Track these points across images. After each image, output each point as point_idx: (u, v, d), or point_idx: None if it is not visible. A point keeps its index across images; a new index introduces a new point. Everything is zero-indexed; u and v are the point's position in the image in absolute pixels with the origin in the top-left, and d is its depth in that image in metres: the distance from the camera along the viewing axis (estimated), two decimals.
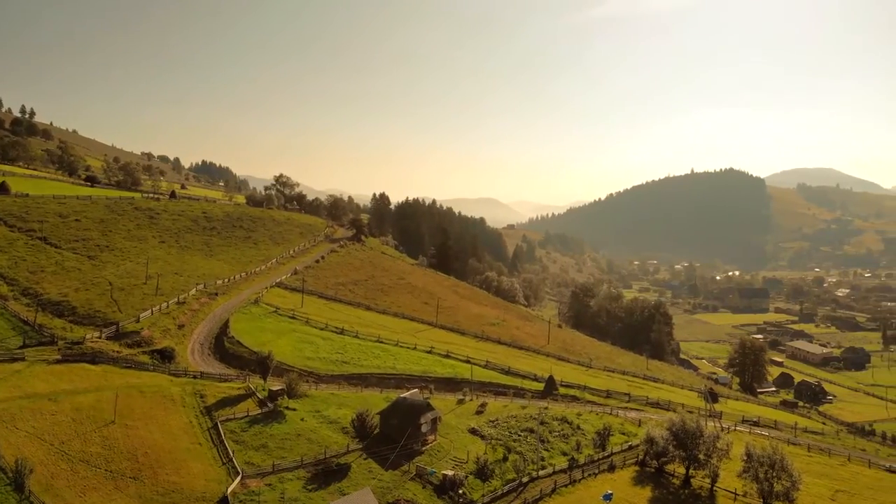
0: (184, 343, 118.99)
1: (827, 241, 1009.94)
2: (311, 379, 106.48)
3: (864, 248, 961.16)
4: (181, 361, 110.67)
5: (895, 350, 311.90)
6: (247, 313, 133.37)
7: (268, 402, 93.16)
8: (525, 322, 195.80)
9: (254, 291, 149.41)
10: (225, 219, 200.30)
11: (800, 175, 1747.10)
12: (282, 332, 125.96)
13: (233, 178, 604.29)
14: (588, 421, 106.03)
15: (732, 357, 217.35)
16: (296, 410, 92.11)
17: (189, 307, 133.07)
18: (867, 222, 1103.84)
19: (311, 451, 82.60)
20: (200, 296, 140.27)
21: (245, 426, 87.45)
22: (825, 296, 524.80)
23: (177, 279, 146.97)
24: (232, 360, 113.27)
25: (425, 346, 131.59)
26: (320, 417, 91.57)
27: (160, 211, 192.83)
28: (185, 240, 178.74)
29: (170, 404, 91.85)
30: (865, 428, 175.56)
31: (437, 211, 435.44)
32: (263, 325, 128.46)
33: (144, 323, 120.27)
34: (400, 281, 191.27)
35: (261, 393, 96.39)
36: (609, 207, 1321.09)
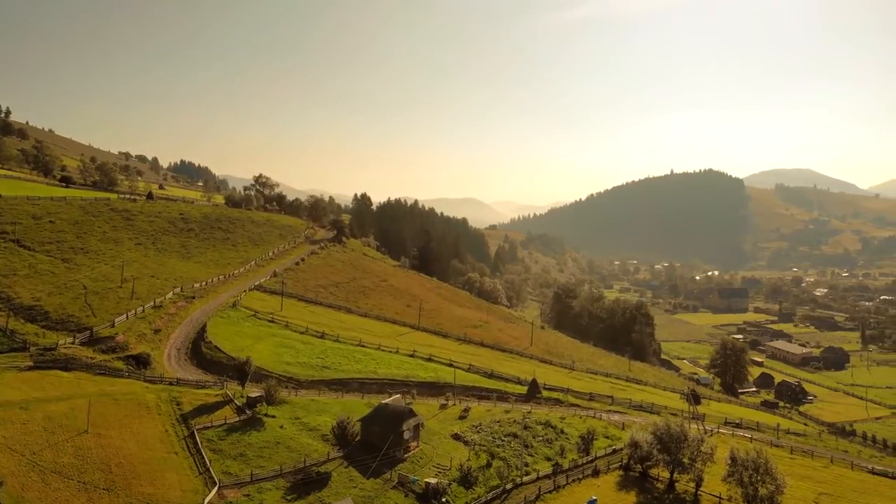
0: (160, 348, 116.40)
1: (805, 241, 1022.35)
2: (291, 385, 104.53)
3: (841, 247, 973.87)
4: (157, 367, 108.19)
5: (874, 350, 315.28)
6: (225, 317, 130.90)
7: (246, 410, 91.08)
8: (508, 324, 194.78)
9: (232, 295, 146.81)
10: (203, 220, 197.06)
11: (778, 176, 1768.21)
12: (261, 336, 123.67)
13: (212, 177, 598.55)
14: (572, 425, 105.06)
15: (714, 358, 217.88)
16: (275, 418, 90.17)
17: (165, 311, 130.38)
18: (844, 222, 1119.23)
19: (291, 459, 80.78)
20: (177, 299, 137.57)
21: (223, 434, 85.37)
22: (804, 296, 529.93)
23: (153, 282, 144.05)
24: (209, 365, 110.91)
25: (407, 350, 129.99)
26: (300, 425, 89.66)
27: (136, 212, 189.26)
28: (161, 242, 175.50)
29: (145, 412, 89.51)
30: (846, 428, 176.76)
31: (420, 211, 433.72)
32: (242, 329, 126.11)
33: (119, 328, 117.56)
34: (382, 283, 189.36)
35: (239, 400, 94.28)
36: (590, 208, 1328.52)
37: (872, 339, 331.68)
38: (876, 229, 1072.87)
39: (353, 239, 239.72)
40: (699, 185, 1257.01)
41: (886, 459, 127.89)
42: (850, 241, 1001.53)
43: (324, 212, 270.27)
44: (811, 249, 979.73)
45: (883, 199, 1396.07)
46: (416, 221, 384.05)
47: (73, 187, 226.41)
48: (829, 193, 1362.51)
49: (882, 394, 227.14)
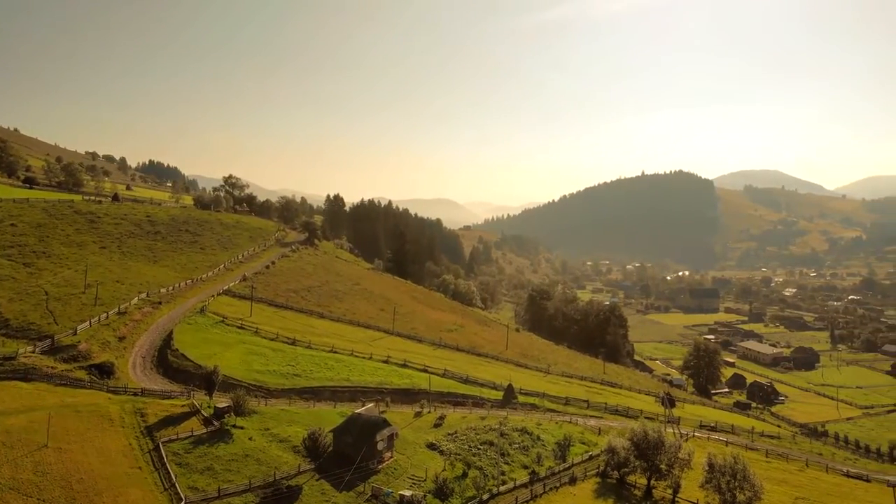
0: (124, 357, 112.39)
1: (773, 241, 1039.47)
2: (261, 394, 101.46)
3: (809, 248, 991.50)
4: (121, 377, 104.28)
5: (843, 350, 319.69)
6: (192, 323, 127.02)
7: (214, 421, 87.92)
8: (483, 327, 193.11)
9: (200, 300, 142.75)
10: (170, 222, 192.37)
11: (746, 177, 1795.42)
12: (229, 343, 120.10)
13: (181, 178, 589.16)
14: (548, 431, 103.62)
15: (687, 359, 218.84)
16: (244, 429, 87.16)
17: (131, 317, 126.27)
18: (812, 223, 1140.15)
19: (260, 472, 77.96)
20: (143, 305, 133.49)
21: (189, 447, 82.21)
22: (773, 295, 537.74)
23: (118, 287, 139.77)
24: (176, 374, 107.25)
25: (381, 356, 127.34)
26: (270, 436, 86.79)
27: (102, 215, 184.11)
28: (127, 245, 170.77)
29: (107, 425, 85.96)
30: (818, 429, 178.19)
31: (394, 212, 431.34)
32: (210, 336, 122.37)
33: (82, 335, 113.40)
34: (355, 286, 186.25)
35: (206, 410, 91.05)
36: (563, 208, 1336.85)
37: (841, 338, 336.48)
38: (842, 230, 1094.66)
39: (326, 241, 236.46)
40: (670, 186, 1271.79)
41: (861, 462, 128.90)
42: (817, 242, 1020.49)
43: (295, 213, 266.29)
44: (780, 249, 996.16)
45: (849, 199, 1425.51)
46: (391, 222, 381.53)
47: (37, 188, 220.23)
48: (796, 194, 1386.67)
49: (852, 394, 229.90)
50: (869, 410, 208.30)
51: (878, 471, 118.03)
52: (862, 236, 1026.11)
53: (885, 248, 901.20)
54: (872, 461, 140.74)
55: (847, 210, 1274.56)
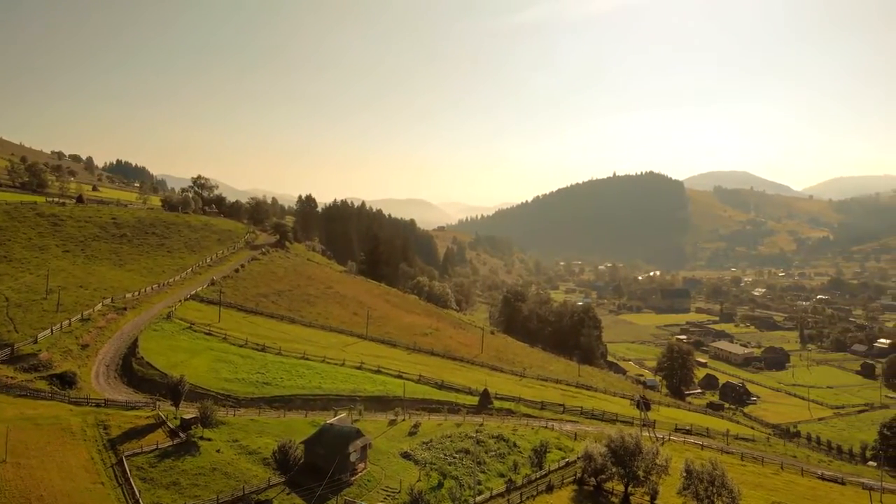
0: (87, 366, 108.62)
1: (742, 241, 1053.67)
2: (230, 403, 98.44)
3: (777, 248, 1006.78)
4: (84, 387, 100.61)
5: (813, 349, 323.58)
6: (158, 330, 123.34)
7: (180, 433, 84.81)
8: (458, 330, 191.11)
9: (167, 305, 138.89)
10: (136, 225, 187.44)
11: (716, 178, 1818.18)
12: (197, 350, 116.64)
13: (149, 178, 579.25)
14: (524, 437, 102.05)
15: (661, 361, 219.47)
16: (211, 441, 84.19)
17: (94, 324, 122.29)
18: (779, 223, 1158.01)
19: (229, 487, 75.13)
20: (107, 311, 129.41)
21: (154, 461, 79.12)
22: (743, 295, 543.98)
23: (81, 293, 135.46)
24: (141, 383, 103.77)
25: (354, 362, 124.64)
26: (238, 448, 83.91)
27: (65, 217, 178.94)
28: (91, 248, 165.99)
29: (69, 438, 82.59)
30: (791, 429, 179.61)
31: (367, 213, 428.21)
32: (176, 343, 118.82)
33: (43, 344, 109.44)
34: (327, 290, 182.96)
35: (172, 422, 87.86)
36: (536, 209, 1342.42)
37: (811, 338, 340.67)
38: (810, 230, 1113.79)
39: (298, 243, 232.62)
40: (641, 187, 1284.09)
41: (835, 464, 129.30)
42: (785, 242, 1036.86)
43: (266, 214, 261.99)
44: (748, 249, 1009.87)
45: (816, 200, 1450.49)
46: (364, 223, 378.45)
47: None
48: (764, 195, 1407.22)
49: (823, 394, 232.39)
50: (840, 410, 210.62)
51: (852, 473, 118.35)
52: (829, 236, 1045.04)
53: (851, 248, 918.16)
54: (846, 462, 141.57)
55: (814, 210, 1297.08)
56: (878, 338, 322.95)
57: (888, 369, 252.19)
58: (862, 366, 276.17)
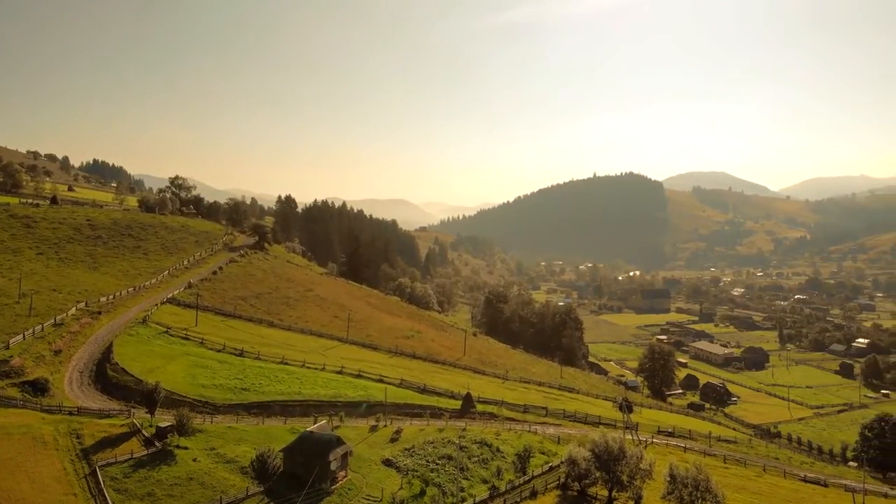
0: (61, 372, 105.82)
1: (721, 241, 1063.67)
2: (207, 410, 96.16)
3: (755, 248, 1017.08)
4: (57, 394, 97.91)
5: (791, 349, 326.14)
6: (134, 335, 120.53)
7: (155, 441, 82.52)
8: (440, 332, 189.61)
9: (142, 309, 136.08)
10: (112, 226, 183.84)
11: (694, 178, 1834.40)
12: (173, 355, 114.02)
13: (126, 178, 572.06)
14: (507, 441, 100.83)
15: (642, 362, 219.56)
16: (188, 449, 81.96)
17: (68, 329, 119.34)
18: (757, 223, 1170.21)
19: (205, 497, 73.01)
20: (81, 315, 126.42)
21: (128, 471, 76.76)
22: (722, 295, 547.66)
23: (55, 297, 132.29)
24: (115, 390, 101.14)
25: (335, 367, 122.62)
26: (216, 456, 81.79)
27: (39, 219, 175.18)
28: (65, 251, 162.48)
29: (40, 448, 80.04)
30: (771, 430, 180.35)
31: (348, 214, 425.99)
32: (152, 348, 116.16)
33: (15, 350, 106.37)
34: (307, 293, 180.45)
35: (147, 430, 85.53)
36: (517, 209, 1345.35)
37: (790, 338, 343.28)
38: (787, 230, 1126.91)
39: (277, 245, 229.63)
40: (621, 188, 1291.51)
41: (817, 465, 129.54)
42: (763, 242, 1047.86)
43: (245, 215, 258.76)
44: (727, 250, 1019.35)
45: (793, 200, 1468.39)
46: (345, 224, 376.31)
47: None
48: (742, 195, 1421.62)
49: (803, 394, 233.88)
50: (819, 410, 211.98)
51: (834, 475, 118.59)
52: (806, 236, 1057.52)
53: (828, 248, 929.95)
54: (827, 463, 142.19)
55: (791, 211, 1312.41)
56: (855, 337, 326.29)
57: (866, 369, 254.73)
58: (840, 365, 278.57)
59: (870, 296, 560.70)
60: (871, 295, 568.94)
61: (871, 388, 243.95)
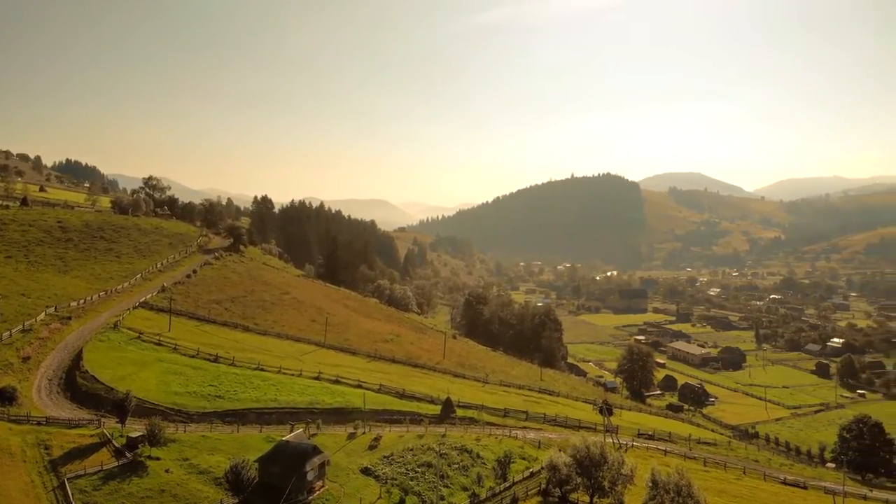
0: (29, 380, 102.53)
1: (697, 241, 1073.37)
2: (180, 418, 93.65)
3: (731, 248, 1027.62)
4: (25, 403, 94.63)
5: (768, 349, 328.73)
6: (105, 341, 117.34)
7: (126, 452, 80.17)
8: (420, 335, 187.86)
9: (114, 314, 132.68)
10: (84, 229, 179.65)
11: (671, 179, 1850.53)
12: (145, 362, 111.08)
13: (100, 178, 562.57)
14: (488, 447, 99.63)
15: (621, 363, 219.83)
16: (160, 460, 79.73)
17: (36, 335, 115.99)
18: (733, 223, 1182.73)
19: None
20: (51, 321, 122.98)
21: (98, 483, 74.50)
22: (698, 295, 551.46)
23: (23, 301, 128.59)
24: (86, 399, 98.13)
25: (312, 372, 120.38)
26: (189, 467, 79.60)
27: (8, 221, 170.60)
28: (35, 254, 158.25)
29: (7, 459, 77.52)
30: (749, 431, 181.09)
31: (326, 214, 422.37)
32: (124, 354, 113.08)
33: None
34: (284, 296, 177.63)
35: (118, 440, 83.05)
36: (496, 210, 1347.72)
37: (766, 338, 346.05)
38: (762, 230, 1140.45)
39: (253, 247, 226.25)
40: (598, 189, 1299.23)
41: (796, 467, 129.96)
42: (738, 242, 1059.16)
43: (220, 216, 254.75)
44: (703, 250, 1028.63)
45: (768, 201, 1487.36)
46: (322, 225, 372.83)
47: None
48: (718, 196, 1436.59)
49: (779, 394, 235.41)
50: (797, 410, 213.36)
51: (813, 477, 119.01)
52: (781, 236, 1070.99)
53: (802, 248, 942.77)
54: (805, 465, 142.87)
55: (766, 211, 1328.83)
56: (830, 337, 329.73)
57: (842, 369, 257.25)
58: (816, 365, 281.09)
59: (844, 295, 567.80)
60: (846, 295, 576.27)
61: (847, 387, 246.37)
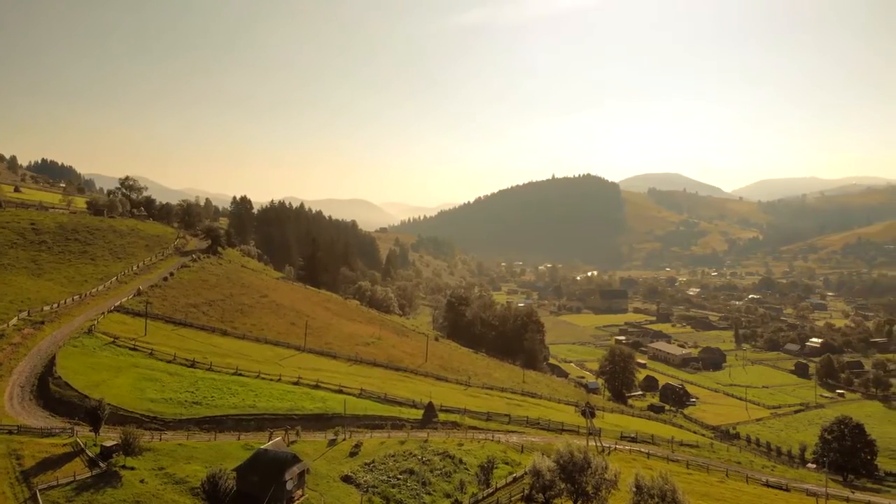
0: (0, 387, 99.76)
1: (676, 241, 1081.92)
2: (155, 426, 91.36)
3: (709, 248, 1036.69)
4: None
5: (747, 349, 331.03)
6: (79, 346, 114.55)
7: (100, 462, 77.85)
8: (401, 338, 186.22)
9: (89, 318, 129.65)
10: (58, 231, 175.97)
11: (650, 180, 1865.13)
12: (120, 367, 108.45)
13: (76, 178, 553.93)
14: (471, 452, 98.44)
15: (603, 365, 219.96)
16: (134, 470, 77.49)
17: (9, 340, 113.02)
18: (711, 224, 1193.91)
19: None
20: (23, 325, 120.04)
21: (71, 494, 72.07)
22: (678, 295, 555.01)
23: None
24: (59, 406, 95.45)
25: (291, 377, 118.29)
26: (164, 477, 77.45)
27: None
28: (7, 257, 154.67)
29: None
30: (730, 431, 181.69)
31: (306, 215, 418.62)
32: (98, 360, 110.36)
33: None
34: (263, 299, 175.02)
35: (91, 450, 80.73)
36: (478, 210, 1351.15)
37: (745, 338, 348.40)
38: (740, 230, 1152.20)
39: (231, 248, 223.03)
40: (579, 189, 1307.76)
41: (778, 469, 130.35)
42: (717, 242, 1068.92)
43: (198, 217, 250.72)
44: (682, 250, 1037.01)
45: (746, 201, 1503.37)
46: (303, 226, 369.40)
47: None
48: (697, 197, 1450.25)
49: (759, 394, 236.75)
50: (777, 410, 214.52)
51: (795, 478, 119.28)
52: (758, 236, 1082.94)
53: (780, 248, 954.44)
54: (786, 465, 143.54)
55: (744, 212, 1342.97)
56: (809, 337, 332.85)
57: (821, 369, 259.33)
58: (796, 365, 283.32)
59: (821, 295, 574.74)
60: (823, 294, 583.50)
61: (827, 387, 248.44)
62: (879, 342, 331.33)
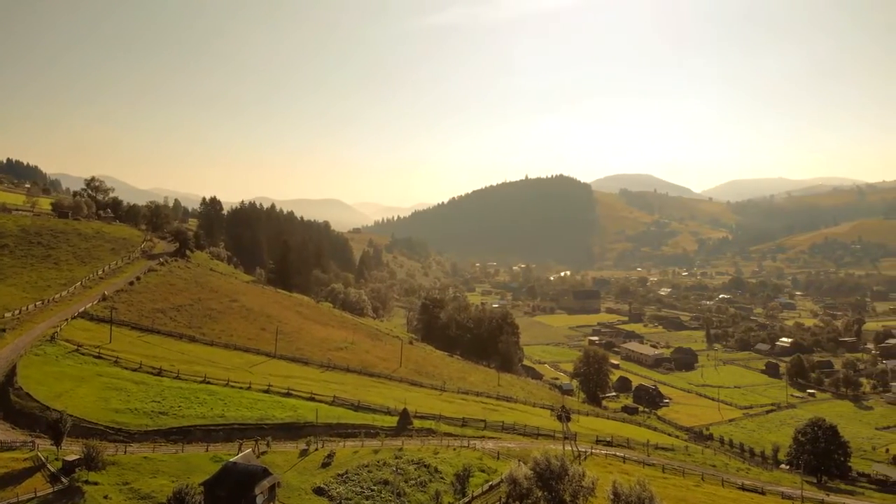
0: None
1: (647, 241, 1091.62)
2: (120, 438, 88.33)
3: (680, 248, 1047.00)
4: None
5: (719, 349, 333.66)
6: (41, 354, 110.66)
7: (62, 477, 75.13)
8: (375, 342, 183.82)
9: (51, 325, 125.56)
10: (20, 234, 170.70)
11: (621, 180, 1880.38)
12: (84, 377, 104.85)
13: (42, 178, 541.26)
14: (446, 460, 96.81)
15: (578, 367, 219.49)
16: (98, 485, 74.85)
17: None
18: (682, 224, 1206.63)
19: None
20: None
21: None
22: (650, 295, 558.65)
23: None
24: (20, 418, 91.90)
25: (262, 385, 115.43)
26: (129, 492, 74.82)
27: None
28: None
29: None
30: (704, 432, 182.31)
31: (277, 216, 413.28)
32: (61, 369, 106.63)
33: None
34: (232, 303, 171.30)
35: (53, 464, 77.79)
36: (452, 210, 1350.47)
37: (716, 338, 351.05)
38: (710, 231, 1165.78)
39: (200, 251, 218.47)
40: (552, 190, 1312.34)
41: (753, 471, 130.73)
42: (687, 242, 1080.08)
43: (166, 219, 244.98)
44: (653, 250, 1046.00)
45: (715, 202, 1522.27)
46: (274, 227, 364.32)
47: None
48: (667, 197, 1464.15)
49: (731, 394, 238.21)
50: (749, 411, 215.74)
51: (770, 481, 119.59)
52: (728, 237, 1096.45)
53: (749, 248, 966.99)
54: (760, 466, 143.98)
55: (714, 212, 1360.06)
56: (779, 337, 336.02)
57: (792, 369, 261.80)
58: (766, 365, 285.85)
59: (790, 294, 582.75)
60: (792, 294, 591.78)
61: (797, 387, 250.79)
62: (848, 341, 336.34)
